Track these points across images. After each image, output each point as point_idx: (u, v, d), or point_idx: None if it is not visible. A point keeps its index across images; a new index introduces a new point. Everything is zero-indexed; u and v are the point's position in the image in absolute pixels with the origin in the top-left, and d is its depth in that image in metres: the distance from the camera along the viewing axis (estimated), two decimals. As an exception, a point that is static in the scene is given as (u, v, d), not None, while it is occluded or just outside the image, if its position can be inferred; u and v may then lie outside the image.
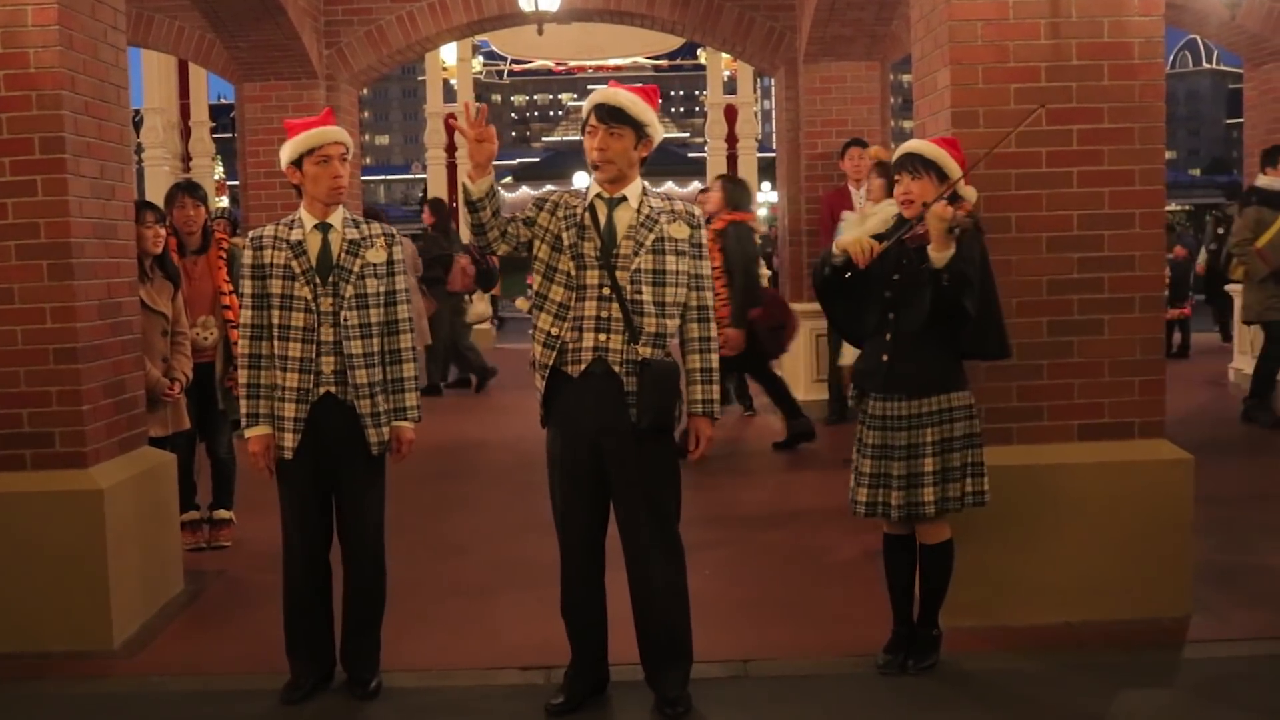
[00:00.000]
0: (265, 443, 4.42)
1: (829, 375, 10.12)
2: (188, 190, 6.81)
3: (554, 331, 4.16)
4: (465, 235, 10.43)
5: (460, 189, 4.20)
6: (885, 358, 4.41)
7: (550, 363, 4.18)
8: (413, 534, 6.74)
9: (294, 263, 4.36)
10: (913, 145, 4.50)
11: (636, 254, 4.13)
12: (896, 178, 4.47)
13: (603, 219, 4.18)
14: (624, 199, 4.19)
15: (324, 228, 4.42)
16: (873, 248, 4.31)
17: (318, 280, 4.36)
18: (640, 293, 4.13)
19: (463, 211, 4.22)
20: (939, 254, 4.21)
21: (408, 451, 4.57)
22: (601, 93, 4.19)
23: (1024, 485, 4.94)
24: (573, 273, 4.15)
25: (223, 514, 6.75)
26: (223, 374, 6.67)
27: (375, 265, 4.43)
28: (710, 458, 4.49)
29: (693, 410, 4.28)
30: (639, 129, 4.14)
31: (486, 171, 4.12)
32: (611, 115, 4.12)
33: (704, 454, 4.31)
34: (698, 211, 4.31)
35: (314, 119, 4.49)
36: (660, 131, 4.25)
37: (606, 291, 4.13)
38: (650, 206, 4.20)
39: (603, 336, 4.13)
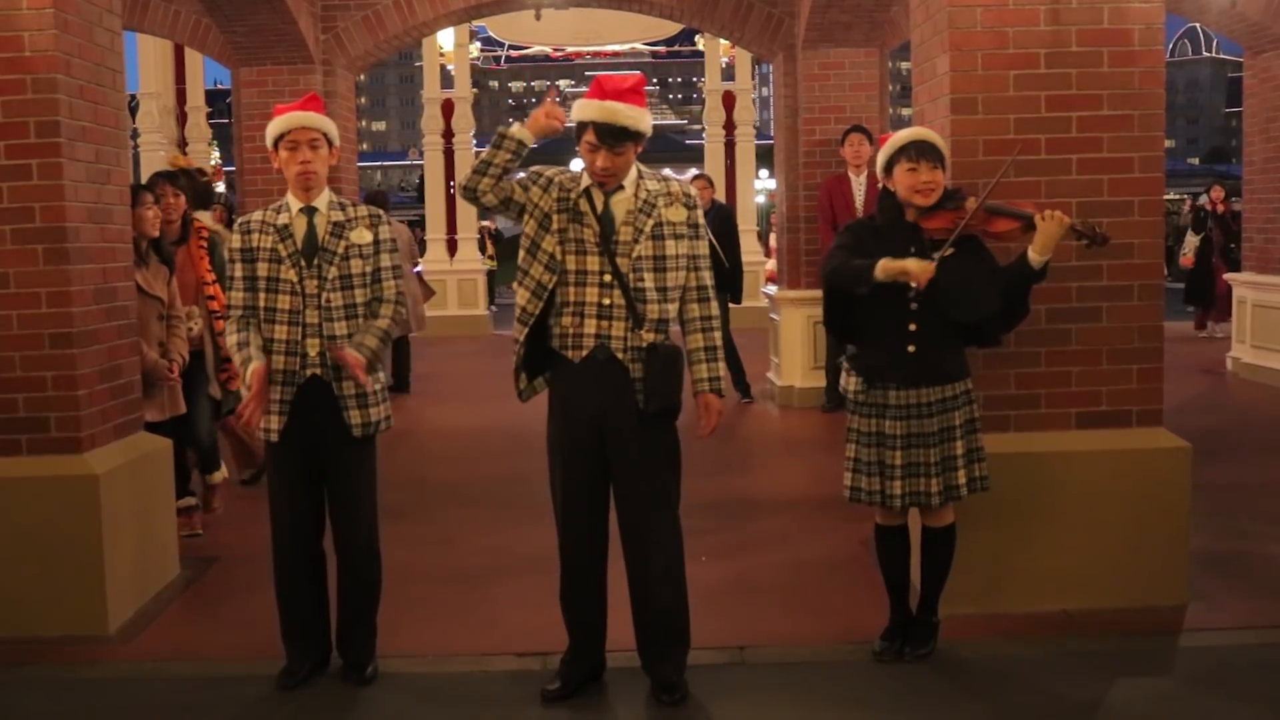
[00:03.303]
0: (261, 372, 4.30)
1: (826, 362, 10.12)
2: (168, 179, 6.82)
3: (529, 308, 4.17)
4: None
5: (502, 129, 4.15)
6: (911, 349, 4.40)
7: (520, 337, 4.19)
8: (408, 520, 6.74)
9: (279, 246, 4.36)
10: (928, 135, 4.50)
11: (636, 241, 4.12)
12: (912, 166, 4.42)
13: (599, 205, 4.15)
14: (620, 185, 4.17)
15: (309, 211, 4.41)
16: (931, 269, 4.30)
17: (303, 263, 4.36)
18: (642, 280, 4.12)
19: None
20: (1042, 257, 4.35)
21: (350, 362, 4.30)
22: (598, 108, 4.04)
23: (1021, 473, 4.93)
24: (558, 255, 4.13)
25: (216, 477, 6.76)
26: (215, 366, 6.66)
27: (360, 246, 4.42)
28: (707, 442, 4.48)
29: (699, 389, 4.28)
30: (639, 138, 4.10)
31: (534, 135, 4.11)
32: (614, 136, 4.04)
33: (714, 429, 4.31)
34: (693, 191, 4.29)
35: (295, 103, 4.49)
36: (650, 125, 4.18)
37: (608, 279, 4.11)
38: (647, 190, 4.18)
39: (605, 324, 4.12)
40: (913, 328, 4.41)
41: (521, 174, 4.23)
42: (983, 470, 4.52)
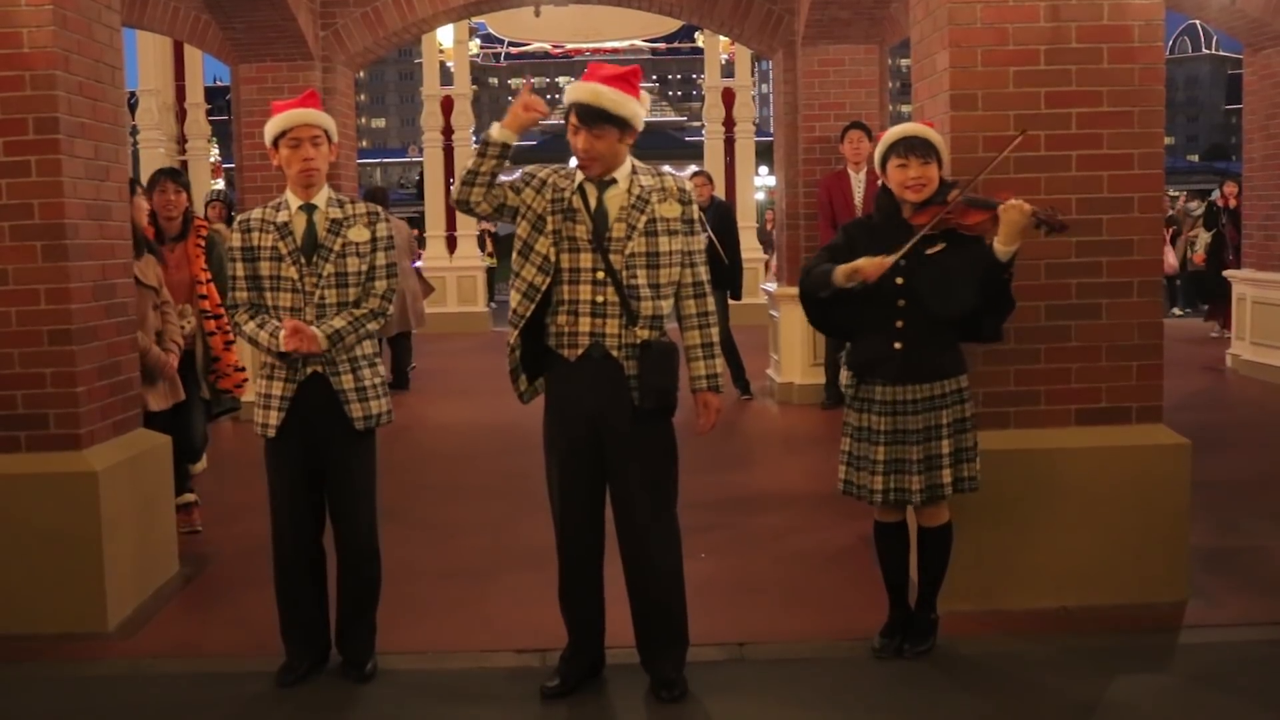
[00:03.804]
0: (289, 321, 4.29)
1: (825, 359, 10.12)
2: (170, 176, 6.82)
3: (520, 310, 4.16)
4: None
5: (484, 134, 4.15)
6: (898, 346, 4.39)
7: (514, 340, 4.18)
8: (407, 517, 6.74)
9: (280, 244, 4.37)
10: (919, 130, 4.47)
11: (629, 237, 4.11)
12: (902, 161, 4.42)
13: (593, 202, 4.14)
14: (613, 181, 4.15)
15: (309, 209, 4.41)
16: (883, 263, 4.29)
17: (303, 260, 4.36)
18: (636, 276, 4.11)
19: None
20: (1008, 248, 4.28)
21: (294, 339, 4.28)
22: (582, 89, 4.08)
23: (1021, 470, 4.94)
24: (551, 255, 4.12)
25: (196, 467, 6.78)
26: (205, 366, 6.65)
27: (357, 244, 4.41)
28: (706, 439, 4.48)
29: (696, 386, 4.27)
30: (622, 125, 4.09)
31: (515, 133, 4.09)
32: (593, 117, 4.05)
33: (713, 426, 4.30)
34: (688, 186, 4.27)
35: (294, 100, 4.48)
36: (642, 117, 4.14)
37: (601, 276, 4.10)
38: (641, 186, 4.16)
39: (599, 321, 4.11)
40: (899, 324, 4.40)
41: (517, 172, 4.22)
42: (972, 470, 4.49)
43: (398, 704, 4.32)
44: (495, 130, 4.09)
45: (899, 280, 4.37)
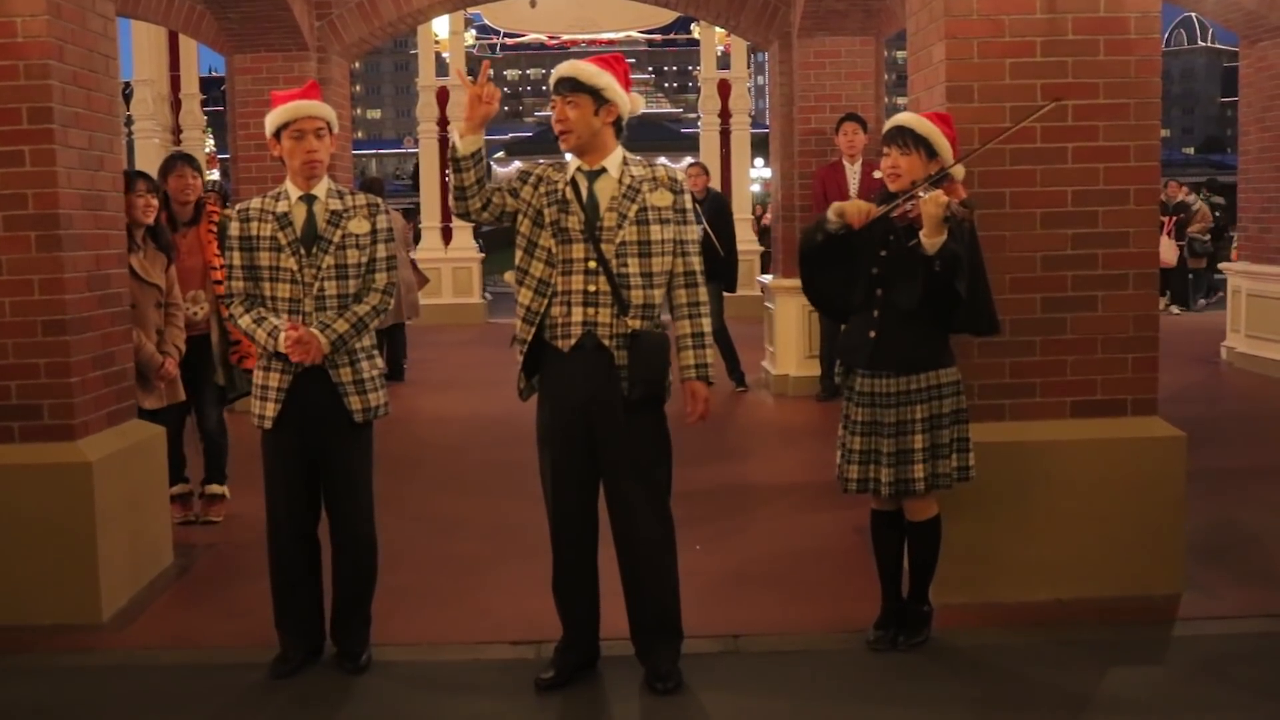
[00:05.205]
0: (291, 327, 4.27)
1: (821, 351, 10.12)
2: (186, 160, 6.79)
3: (533, 307, 4.16)
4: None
5: (449, 148, 4.18)
6: (873, 334, 4.40)
7: (529, 337, 4.18)
8: (402, 508, 6.74)
9: (279, 234, 4.35)
10: (904, 119, 4.47)
11: (620, 226, 4.11)
12: (885, 150, 4.45)
13: (584, 192, 4.15)
14: (604, 170, 4.16)
15: (308, 199, 4.40)
16: (870, 211, 4.29)
17: (302, 251, 4.35)
18: (626, 265, 4.11)
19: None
20: (931, 240, 4.19)
21: (297, 349, 4.28)
22: (560, 66, 4.20)
23: (1016, 462, 4.94)
24: (554, 249, 4.13)
25: (215, 489, 6.73)
26: (223, 351, 6.62)
27: (357, 236, 4.40)
28: (701, 430, 4.47)
29: (686, 375, 4.27)
30: (595, 94, 4.11)
31: (478, 131, 4.12)
32: (565, 85, 4.13)
33: (703, 416, 4.29)
34: (680, 176, 4.28)
35: (295, 91, 4.46)
36: (623, 96, 4.16)
37: (593, 265, 4.11)
38: (631, 176, 4.17)
39: (591, 311, 4.11)
40: (876, 314, 4.41)
41: (515, 164, 4.23)
42: (947, 467, 4.44)
43: (392, 695, 4.32)
44: (459, 143, 4.12)
45: (875, 270, 4.37)
